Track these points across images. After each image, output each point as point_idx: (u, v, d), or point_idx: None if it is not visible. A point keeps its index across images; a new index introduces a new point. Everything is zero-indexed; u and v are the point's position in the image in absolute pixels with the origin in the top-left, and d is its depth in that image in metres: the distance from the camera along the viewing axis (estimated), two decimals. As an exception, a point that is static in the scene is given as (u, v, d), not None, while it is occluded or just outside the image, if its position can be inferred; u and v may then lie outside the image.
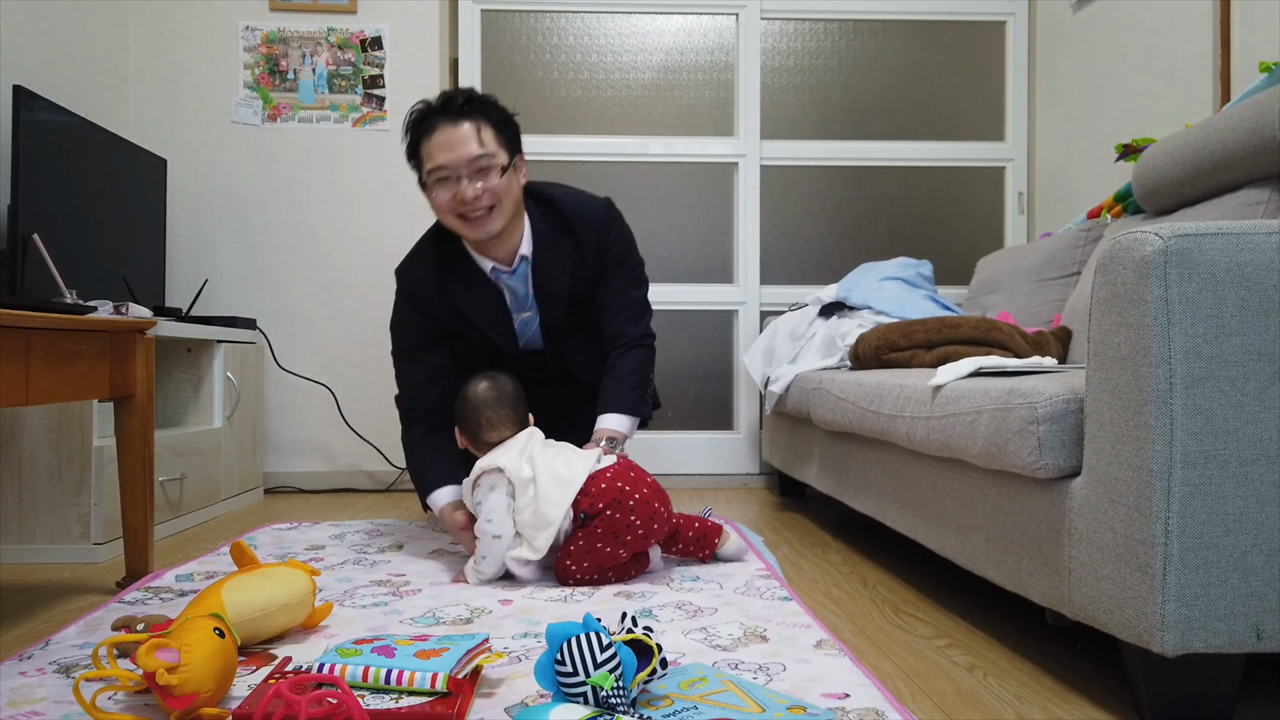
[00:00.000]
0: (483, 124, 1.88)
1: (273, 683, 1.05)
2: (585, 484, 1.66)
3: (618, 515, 1.65)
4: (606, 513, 1.64)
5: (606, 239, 2.05)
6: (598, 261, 2.05)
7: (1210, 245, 0.99)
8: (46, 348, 1.46)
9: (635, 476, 1.71)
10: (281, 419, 3.08)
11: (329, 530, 2.22)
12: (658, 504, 1.69)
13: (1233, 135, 1.72)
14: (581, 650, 0.98)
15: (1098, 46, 2.76)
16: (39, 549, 1.97)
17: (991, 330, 1.95)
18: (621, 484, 1.67)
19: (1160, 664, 1.03)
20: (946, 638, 1.41)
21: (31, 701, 1.10)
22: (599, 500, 1.65)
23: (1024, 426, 1.17)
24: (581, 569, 1.65)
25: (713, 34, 3.22)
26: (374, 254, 3.10)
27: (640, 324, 2.11)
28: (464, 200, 1.87)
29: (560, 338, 2.09)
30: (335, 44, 3.07)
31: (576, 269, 2.04)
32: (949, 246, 3.24)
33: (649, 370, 2.11)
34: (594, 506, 1.65)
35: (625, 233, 2.12)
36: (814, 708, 1.02)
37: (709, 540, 1.83)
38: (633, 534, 1.66)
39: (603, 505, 1.65)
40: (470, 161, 1.85)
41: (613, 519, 1.64)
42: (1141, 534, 1.00)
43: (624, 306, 2.07)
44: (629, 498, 1.66)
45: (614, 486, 1.66)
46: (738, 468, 3.23)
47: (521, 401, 1.81)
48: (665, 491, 1.76)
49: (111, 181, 2.45)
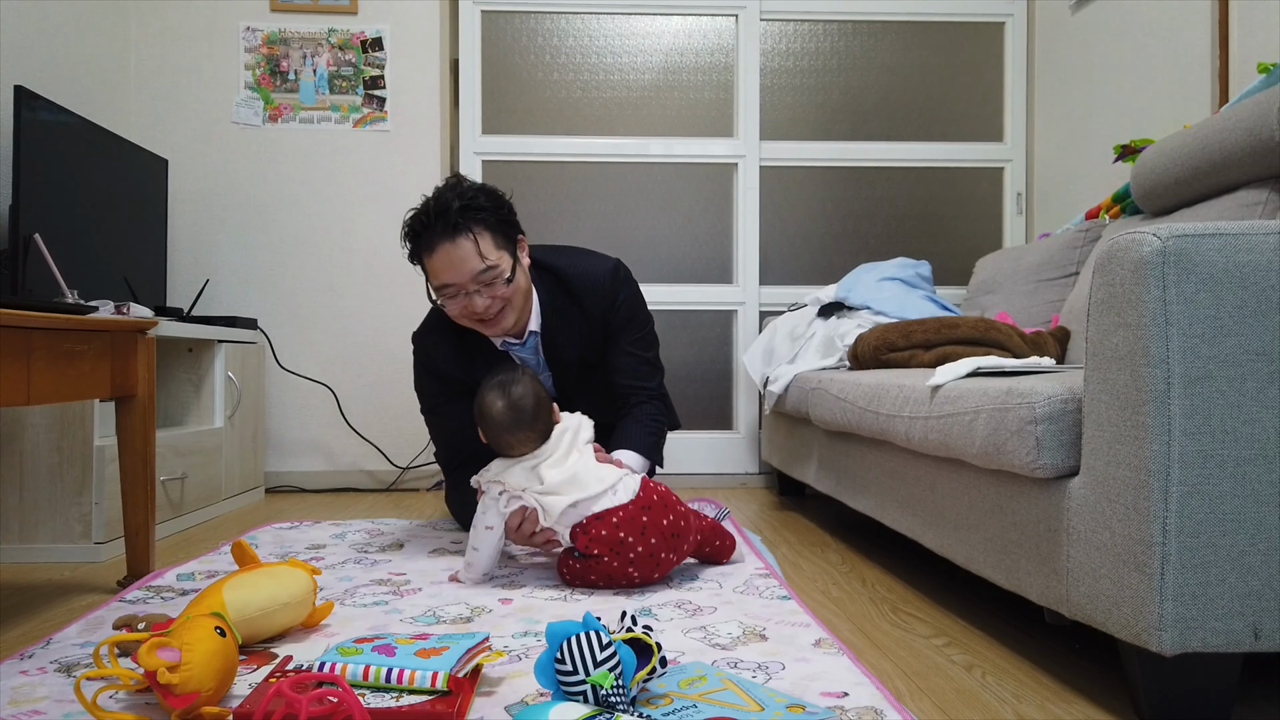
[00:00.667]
0: (480, 233, 1.84)
1: (273, 681, 1.06)
2: (588, 521, 1.59)
3: (615, 564, 1.59)
4: (603, 559, 1.59)
5: (613, 304, 2.06)
6: (605, 326, 2.07)
7: (1208, 246, 0.99)
8: (48, 347, 1.46)
9: (647, 522, 1.60)
10: (282, 419, 3.08)
11: (330, 529, 2.22)
12: (666, 553, 1.61)
13: (1231, 136, 1.72)
14: (581, 649, 0.98)
15: (1096, 47, 2.77)
16: (40, 548, 1.97)
17: (990, 330, 1.96)
18: (625, 534, 1.58)
19: (1158, 663, 1.04)
20: (945, 637, 1.42)
21: (33, 700, 1.10)
22: (595, 546, 1.58)
23: (1022, 426, 1.17)
24: (578, 582, 1.64)
25: (712, 35, 3.23)
26: (375, 254, 3.10)
27: (654, 380, 2.13)
28: (476, 311, 1.88)
29: (574, 395, 2.09)
30: (336, 45, 3.07)
31: (584, 336, 2.06)
32: (947, 247, 3.25)
33: (664, 422, 2.12)
34: (589, 549, 1.59)
35: (633, 293, 2.12)
36: (813, 706, 1.02)
37: (716, 556, 1.82)
38: (629, 581, 1.61)
39: (597, 551, 1.58)
40: (475, 277, 1.84)
41: (609, 565, 1.59)
42: (1139, 533, 1.00)
43: (634, 367, 2.09)
44: (630, 550, 1.58)
45: (614, 536, 1.58)
46: (737, 467, 3.23)
47: (543, 412, 1.68)
48: (687, 527, 1.66)
49: (113, 182, 2.46)
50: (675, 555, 1.65)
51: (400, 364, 3.10)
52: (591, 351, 2.09)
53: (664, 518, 1.62)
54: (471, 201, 1.85)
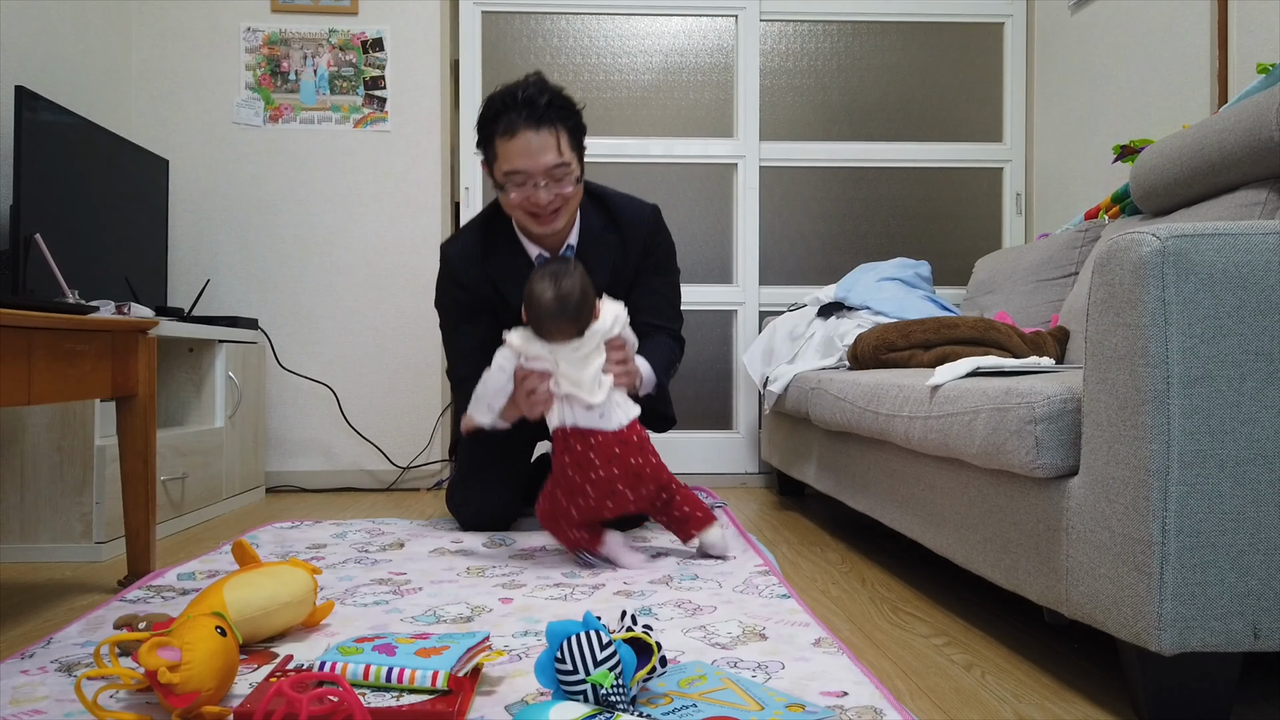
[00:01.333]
0: (561, 131, 1.92)
1: (274, 681, 1.06)
2: (570, 431, 1.74)
3: (576, 479, 1.74)
4: (568, 471, 1.74)
5: (652, 241, 2.13)
6: (640, 261, 2.13)
7: (1207, 246, 0.99)
8: (49, 347, 1.46)
9: (619, 455, 1.74)
10: (283, 418, 3.08)
11: (330, 529, 2.23)
12: (623, 487, 1.75)
13: (1230, 136, 1.72)
14: (581, 648, 0.98)
15: (1095, 48, 2.77)
16: (41, 548, 1.97)
17: (989, 330, 1.96)
18: (594, 456, 1.73)
19: (1157, 663, 1.04)
20: (944, 636, 1.42)
21: (33, 700, 1.10)
22: (565, 454, 1.75)
23: (1021, 426, 1.17)
24: (544, 510, 1.80)
25: (712, 35, 3.23)
26: (375, 254, 3.10)
27: (676, 323, 2.19)
28: (537, 203, 1.94)
29: None
30: (336, 45, 3.07)
31: (617, 266, 2.11)
32: (947, 247, 3.25)
33: (679, 356, 2.19)
34: (560, 457, 1.76)
35: (669, 240, 2.19)
36: (812, 706, 1.02)
37: (690, 525, 1.86)
38: (586, 502, 1.74)
39: (568, 460, 1.74)
40: (548, 170, 1.91)
41: (571, 480, 1.74)
42: (1139, 533, 1.00)
43: (660, 307, 2.16)
44: (592, 470, 1.73)
45: (585, 456, 1.73)
46: (737, 467, 3.23)
47: (587, 308, 1.77)
48: (650, 476, 1.78)
49: (113, 182, 2.46)
50: (631, 494, 1.76)
51: (400, 364, 3.10)
52: (619, 284, 2.12)
53: (632, 457, 1.75)
54: (559, 100, 1.94)
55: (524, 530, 2.17)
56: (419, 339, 3.12)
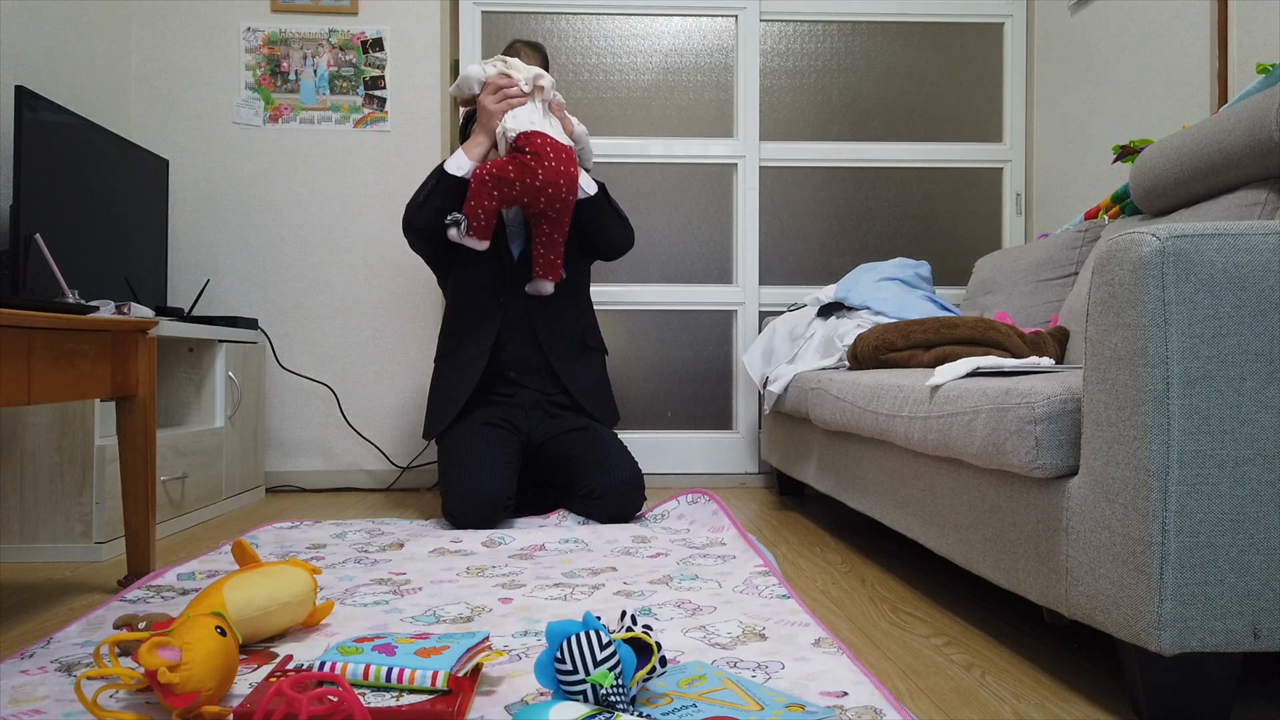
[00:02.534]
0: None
1: (274, 681, 1.06)
2: (534, 132, 2.32)
3: (521, 169, 2.29)
4: (521, 158, 2.30)
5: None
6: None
7: (1207, 246, 0.99)
8: (48, 347, 1.46)
9: (566, 158, 2.34)
10: (283, 418, 3.09)
11: (330, 529, 2.23)
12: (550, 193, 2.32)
13: (1230, 136, 1.72)
14: (581, 648, 0.98)
15: (1095, 48, 2.77)
16: (41, 548, 1.97)
17: (989, 330, 1.96)
18: (550, 152, 2.31)
19: (1157, 663, 1.04)
20: (944, 636, 1.42)
21: (33, 700, 1.10)
22: (527, 146, 2.31)
23: (1021, 426, 1.18)
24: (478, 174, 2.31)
25: (712, 35, 3.23)
26: (375, 254, 3.10)
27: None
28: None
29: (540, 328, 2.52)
30: (336, 45, 3.07)
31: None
32: (947, 247, 3.25)
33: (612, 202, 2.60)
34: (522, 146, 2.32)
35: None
36: (812, 706, 1.02)
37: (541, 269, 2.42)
38: (535, 181, 2.29)
39: (527, 152, 2.30)
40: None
41: (521, 165, 2.29)
42: (1139, 533, 1.00)
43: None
44: (541, 166, 2.30)
45: (542, 150, 2.31)
46: (737, 467, 3.23)
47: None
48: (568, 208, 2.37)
49: (113, 182, 2.46)
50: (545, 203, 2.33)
51: (400, 364, 3.10)
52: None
53: (571, 167, 2.35)
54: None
55: (523, 529, 2.17)
56: (419, 339, 3.12)
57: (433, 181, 2.41)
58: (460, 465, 2.26)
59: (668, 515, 2.33)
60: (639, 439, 3.17)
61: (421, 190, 2.44)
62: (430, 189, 2.41)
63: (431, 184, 2.41)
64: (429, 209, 2.40)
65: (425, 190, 2.42)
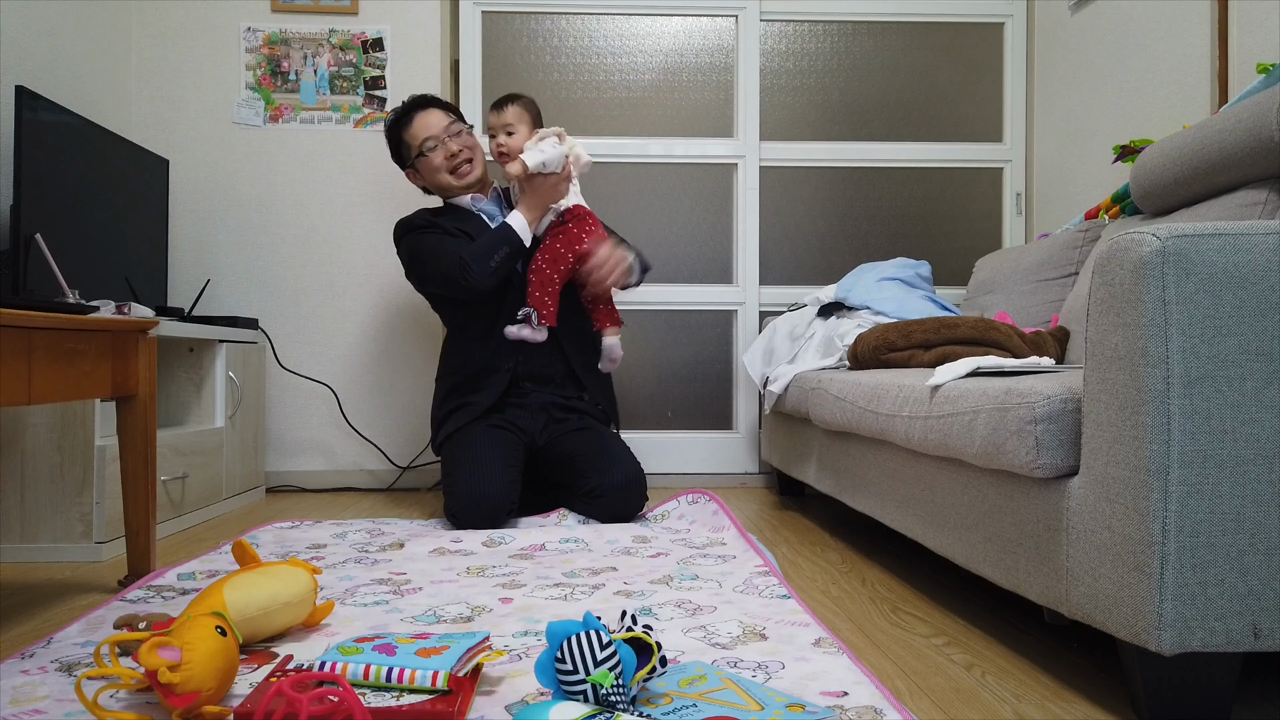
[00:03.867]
0: (443, 109, 2.57)
1: (274, 681, 1.06)
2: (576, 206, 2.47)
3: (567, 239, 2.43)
4: (570, 226, 2.43)
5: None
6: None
7: (1207, 246, 0.99)
8: (49, 347, 1.46)
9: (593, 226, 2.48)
10: (283, 418, 3.09)
11: (330, 529, 2.23)
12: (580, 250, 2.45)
13: (1230, 136, 1.72)
14: (581, 648, 0.98)
15: (1095, 48, 2.77)
16: (41, 548, 1.97)
17: (989, 330, 1.96)
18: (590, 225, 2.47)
19: (1158, 663, 1.04)
20: (945, 636, 1.42)
21: (33, 700, 1.10)
22: (570, 220, 2.45)
23: (1022, 426, 1.18)
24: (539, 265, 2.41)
25: (712, 35, 3.23)
26: (375, 254, 3.10)
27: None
28: (451, 152, 2.49)
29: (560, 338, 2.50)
30: (337, 45, 3.07)
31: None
32: (947, 247, 3.25)
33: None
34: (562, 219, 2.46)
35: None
36: (813, 706, 1.02)
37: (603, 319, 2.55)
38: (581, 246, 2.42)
39: (571, 224, 2.44)
40: (445, 128, 2.52)
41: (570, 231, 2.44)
42: (1139, 533, 1.00)
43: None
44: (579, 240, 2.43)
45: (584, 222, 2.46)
46: (737, 467, 3.23)
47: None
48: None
49: (113, 182, 2.46)
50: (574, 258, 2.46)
51: (400, 364, 3.10)
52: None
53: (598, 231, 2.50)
54: (432, 97, 2.61)
55: (523, 529, 2.17)
56: (419, 339, 3.12)
57: (506, 248, 2.36)
58: (464, 468, 2.26)
59: (668, 515, 2.34)
60: (639, 439, 3.16)
61: (490, 253, 2.36)
62: (504, 256, 2.36)
63: (505, 251, 2.36)
64: (501, 273, 2.38)
65: (496, 255, 2.36)
